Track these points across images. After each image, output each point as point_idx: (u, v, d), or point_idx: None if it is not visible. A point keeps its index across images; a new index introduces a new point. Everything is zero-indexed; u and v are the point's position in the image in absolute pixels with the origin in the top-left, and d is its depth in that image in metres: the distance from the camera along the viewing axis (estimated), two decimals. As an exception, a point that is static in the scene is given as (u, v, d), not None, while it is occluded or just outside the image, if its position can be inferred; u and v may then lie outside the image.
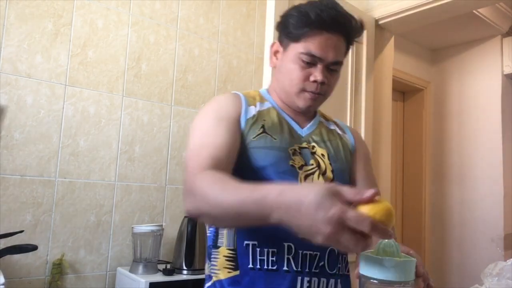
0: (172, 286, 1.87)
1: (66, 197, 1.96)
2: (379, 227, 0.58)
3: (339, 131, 1.17)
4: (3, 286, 1.46)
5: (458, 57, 3.87)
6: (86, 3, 2.05)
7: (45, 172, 1.91)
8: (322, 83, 1.01)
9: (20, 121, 1.86)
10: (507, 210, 3.46)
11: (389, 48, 2.92)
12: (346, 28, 1.02)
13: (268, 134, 1.01)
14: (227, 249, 0.98)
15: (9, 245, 1.56)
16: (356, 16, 1.05)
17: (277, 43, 1.09)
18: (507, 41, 3.59)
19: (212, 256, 1.02)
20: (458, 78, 3.86)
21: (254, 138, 0.99)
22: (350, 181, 1.13)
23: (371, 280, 0.61)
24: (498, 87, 3.59)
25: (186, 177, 0.89)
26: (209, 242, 1.04)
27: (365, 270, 0.62)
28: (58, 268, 1.88)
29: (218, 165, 0.89)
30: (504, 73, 3.58)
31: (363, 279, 0.63)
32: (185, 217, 2.08)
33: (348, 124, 2.51)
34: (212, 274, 1.00)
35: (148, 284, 1.80)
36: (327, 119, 1.20)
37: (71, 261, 1.95)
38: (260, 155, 0.98)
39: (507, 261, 1.07)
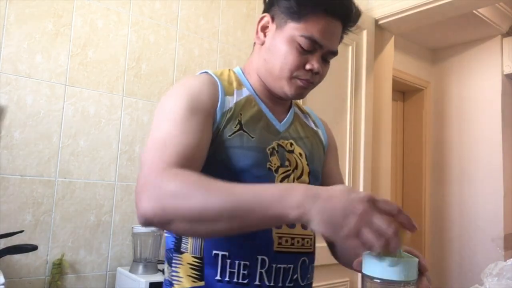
0: (172, 286, 1.87)
1: (66, 197, 1.95)
2: (405, 214, 0.60)
3: (313, 126, 1.09)
4: (3, 286, 1.46)
5: (458, 57, 3.88)
6: (86, 3, 2.05)
7: (45, 172, 1.91)
8: (317, 72, 0.91)
9: (20, 121, 1.86)
10: (507, 210, 3.46)
11: (389, 48, 2.93)
12: (348, 15, 0.92)
13: (245, 132, 0.90)
14: (192, 256, 0.88)
15: (9, 245, 1.56)
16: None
17: (268, 17, 0.94)
18: (507, 41, 3.60)
19: (174, 261, 0.91)
20: (458, 78, 3.86)
21: (230, 136, 0.88)
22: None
23: (373, 280, 0.61)
24: (498, 87, 3.59)
25: (145, 174, 0.73)
26: (170, 245, 0.93)
27: (367, 269, 0.62)
28: (58, 268, 1.88)
29: (186, 166, 0.76)
30: (504, 73, 3.58)
31: (365, 278, 0.63)
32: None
33: (348, 125, 2.52)
34: (174, 282, 0.90)
35: (148, 284, 1.80)
36: (301, 110, 1.11)
37: (71, 261, 1.95)
38: (237, 157, 0.87)
39: (507, 261, 1.06)
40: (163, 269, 1.92)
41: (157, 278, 1.88)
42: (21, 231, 1.67)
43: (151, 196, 0.69)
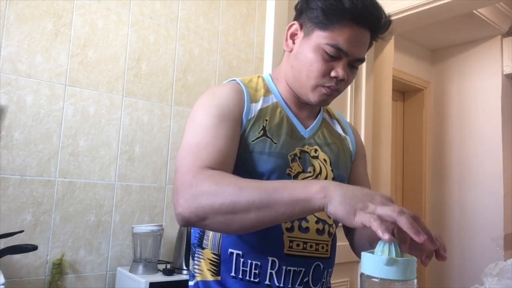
0: (172, 286, 1.87)
1: (66, 197, 1.96)
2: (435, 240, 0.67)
3: (341, 132, 1.11)
4: (3, 286, 1.46)
5: (458, 57, 3.88)
6: (86, 3, 2.05)
7: (45, 172, 1.91)
8: (342, 80, 0.92)
9: (20, 121, 1.86)
10: (507, 210, 3.46)
11: (389, 48, 2.93)
12: (376, 24, 0.93)
13: (268, 138, 0.93)
14: (211, 252, 0.94)
15: (9, 245, 1.56)
16: (385, 11, 0.95)
17: (297, 25, 0.97)
18: (507, 41, 3.60)
19: (196, 255, 0.98)
20: (458, 78, 3.86)
21: (253, 141, 0.92)
22: None
23: (372, 279, 0.61)
24: (498, 87, 3.59)
25: (181, 176, 0.80)
26: (194, 240, 0.99)
27: (366, 268, 0.62)
28: (58, 268, 1.88)
29: (218, 169, 0.82)
30: (504, 73, 3.58)
31: (364, 277, 0.63)
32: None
33: (352, 124, 2.52)
34: (196, 274, 0.97)
35: (148, 284, 1.80)
36: (330, 115, 1.13)
37: (71, 261, 1.95)
38: (258, 161, 0.91)
39: (507, 261, 1.06)
40: (162, 269, 1.92)
41: (157, 278, 1.88)
42: (21, 231, 1.67)
43: (188, 196, 0.76)
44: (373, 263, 0.62)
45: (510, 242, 3.29)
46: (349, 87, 2.54)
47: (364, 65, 2.62)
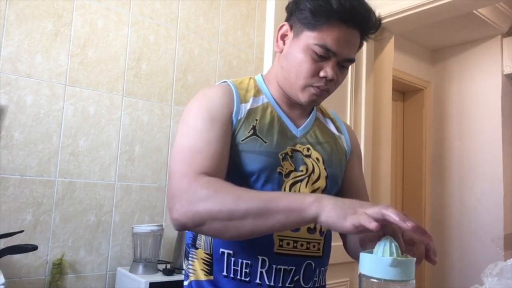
0: (172, 286, 1.87)
1: (66, 197, 1.96)
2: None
3: (335, 131, 1.10)
4: (3, 286, 1.46)
5: (458, 57, 3.87)
6: (86, 3, 2.05)
7: (45, 172, 1.91)
8: (331, 80, 0.93)
9: (20, 121, 1.86)
10: (507, 210, 3.46)
11: (389, 48, 2.92)
12: (365, 24, 0.94)
13: (259, 137, 0.94)
14: (204, 252, 0.95)
15: (9, 245, 1.56)
16: (376, 11, 0.96)
17: (287, 26, 0.98)
18: (507, 41, 3.59)
19: (190, 255, 0.99)
20: (458, 78, 3.86)
21: (243, 140, 0.93)
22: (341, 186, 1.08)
23: (371, 279, 0.61)
24: (498, 87, 3.59)
25: (176, 181, 0.82)
26: (188, 241, 1.01)
27: (365, 269, 0.62)
28: (58, 268, 1.88)
29: (212, 173, 0.84)
30: (504, 73, 3.58)
31: (362, 278, 0.63)
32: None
33: (348, 124, 2.51)
34: (190, 274, 0.98)
35: (148, 284, 1.80)
36: (324, 114, 1.13)
37: (71, 261, 1.95)
38: (248, 160, 0.92)
39: (507, 261, 1.06)
40: (162, 269, 1.92)
41: (157, 278, 1.88)
42: (21, 231, 1.67)
43: (185, 202, 0.79)
44: (372, 263, 0.62)
45: (510, 242, 3.29)
46: (349, 87, 2.54)
47: (364, 65, 2.62)
